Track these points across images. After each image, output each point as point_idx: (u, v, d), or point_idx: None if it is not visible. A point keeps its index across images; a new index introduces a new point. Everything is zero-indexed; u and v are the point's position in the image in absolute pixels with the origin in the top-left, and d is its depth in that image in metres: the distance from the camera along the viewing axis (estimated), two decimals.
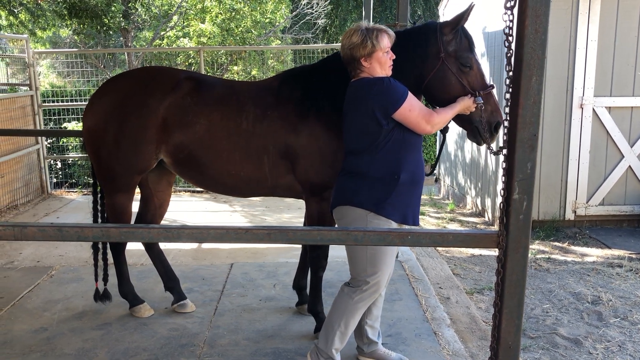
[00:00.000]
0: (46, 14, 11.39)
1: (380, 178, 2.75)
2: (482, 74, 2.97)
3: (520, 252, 1.95)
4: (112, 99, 3.44)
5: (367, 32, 2.71)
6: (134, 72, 3.71)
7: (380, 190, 2.75)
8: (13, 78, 9.95)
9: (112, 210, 3.60)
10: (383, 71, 2.77)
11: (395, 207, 2.77)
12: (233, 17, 13.63)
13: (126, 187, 3.52)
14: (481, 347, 3.62)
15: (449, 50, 2.92)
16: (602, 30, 6.15)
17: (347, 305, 2.88)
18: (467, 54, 2.92)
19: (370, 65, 2.74)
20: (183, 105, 3.31)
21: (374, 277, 2.82)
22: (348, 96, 2.85)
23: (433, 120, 2.75)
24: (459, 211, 7.99)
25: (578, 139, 6.33)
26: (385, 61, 2.75)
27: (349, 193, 2.79)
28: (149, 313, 3.85)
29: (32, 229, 2.08)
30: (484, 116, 2.90)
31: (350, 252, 2.87)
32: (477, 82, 2.93)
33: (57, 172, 8.84)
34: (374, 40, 2.69)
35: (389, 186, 2.75)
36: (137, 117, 3.33)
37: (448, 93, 2.93)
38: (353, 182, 2.80)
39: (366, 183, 2.77)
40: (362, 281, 2.84)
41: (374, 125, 2.71)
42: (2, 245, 5.30)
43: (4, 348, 3.42)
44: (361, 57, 2.73)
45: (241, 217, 6.62)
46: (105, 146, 3.42)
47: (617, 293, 4.60)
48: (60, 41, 19.12)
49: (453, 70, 2.91)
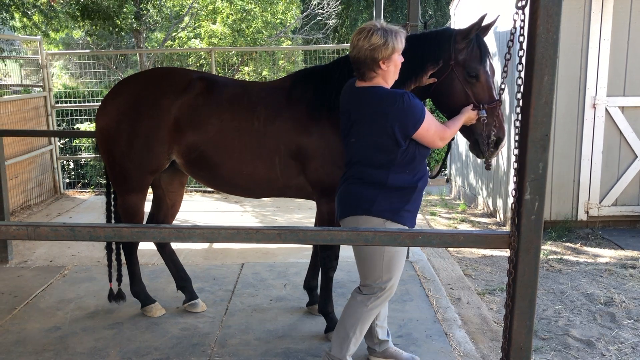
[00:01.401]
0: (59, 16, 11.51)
1: (399, 188, 2.71)
2: (490, 87, 2.93)
3: (532, 253, 1.94)
4: (125, 99, 3.46)
5: (388, 32, 2.58)
6: (146, 72, 3.74)
7: (398, 199, 2.71)
8: (27, 79, 10.07)
9: (125, 210, 3.61)
10: (395, 75, 2.70)
11: (410, 213, 2.77)
12: (244, 18, 13.68)
13: (139, 187, 3.54)
14: (492, 348, 3.60)
15: (459, 59, 2.90)
16: (615, 29, 6.09)
17: (362, 312, 2.85)
18: (475, 65, 2.89)
19: (388, 68, 2.64)
20: (195, 105, 3.32)
21: (389, 282, 2.80)
22: (357, 100, 2.73)
23: (445, 136, 2.74)
24: (470, 212, 7.95)
25: (591, 139, 6.27)
26: (399, 64, 2.67)
27: (366, 203, 2.70)
28: (161, 312, 3.88)
29: (45, 228, 2.10)
30: (486, 130, 2.87)
31: (365, 259, 2.81)
32: (483, 95, 2.90)
33: (70, 173, 8.92)
34: (394, 41, 2.58)
35: (407, 195, 2.73)
36: (149, 118, 3.35)
37: (453, 101, 2.93)
38: (369, 191, 2.71)
39: (384, 192, 2.70)
40: (377, 288, 2.81)
41: (391, 144, 2.63)
42: (16, 245, 5.35)
43: (18, 346, 3.45)
44: (381, 59, 2.60)
45: (252, 217, 6.64)
46: (118, 146, 3.44)
47: (630, 294, 4.55)
48: (73, 42, 19.27)
49: (460, 79, 2.89)
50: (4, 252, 4.98)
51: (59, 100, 9.00)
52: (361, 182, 2.74)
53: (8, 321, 3.80)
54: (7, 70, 9.15)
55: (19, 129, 6.83)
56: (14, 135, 6.44)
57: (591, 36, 6.09)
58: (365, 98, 2.68)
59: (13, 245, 5.20)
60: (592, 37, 6.09)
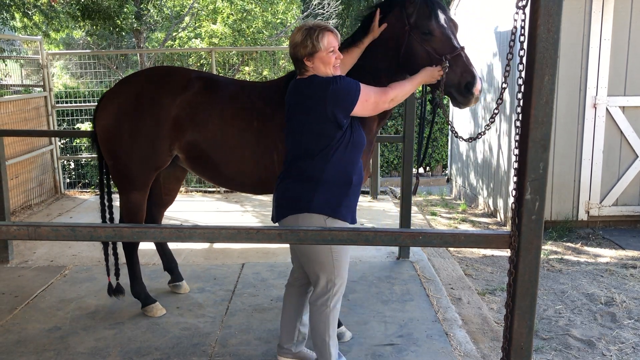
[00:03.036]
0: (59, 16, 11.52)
1: (335, 182, 2.73)
2: (448, 37, 2.90)
3: (532, 253, 1.94)
4: (125, 98, 3.48)
5: (308, 31, 2.66)
6: (146, 72, 3.74)
7: (336, 194, 2.73)
8: (27, 79, 10.06)
9: (128, 209, 3.62)
10: (328, 70, 2.70)
11: (348, 209, 2.78)
12: (244, 18, 13.69)
13: (142, 185, 3.57)
14: (493, 348, 3.60)
15: (411, 22, 2.92)
16: (616, 28, 6.09)
17: (328, 314, 2.85)
18: (426, 22, 2.89)
19: (314, 65, 2.68)
20: (194, 103, 3.35)
21: (341, 278, 2.83)
22: (293, 95, 2.76)
23: (388, 96, 2.72)
24: (470, 212, 7.95)
25: (591, 139, 6.28)
26: (329, 60, 2.68)
27: (303, 200, 2.71)
28: (161, 312, 3.88)
29: (45, 228, 2.10)
30: (454, 79, 2.85)
31: (314, 261, 2.80)
32: (443, 48, 2.87)
33: (71, 173, 8.92)
34: (314, 40, 2.63)
35: (343, 189, 2.75)
36: (150, 115, 3.38)
37: (421, 63, 2.92)
38: (306, 188, 2.72)
39: (321, 188, 2.70)
40: (331, 284, 2.82)
41: (332, 128, 2.65)
42: (17, 245, 5.36)
43: (19, 346, 3.45)
44: (303, 57, 2.67)
45: (252, 217, 6.63)
46: (121, 145, 3.47)
47: (631, 294, 4.55)
48: (74, 42, 19.29)
49: (418, 41, 2.91)
50: (5, 252, 4.99)
51: (59, 100, 9.00)
52: (299, 179, 2.74)
53: (9, 321, 3.80)
54: (8, 70, 9.14)
55: (20, 129, 6.83)
56: (15, 135, 6.44)
57: (592, 36, 6.09)
58: (301, 89, 2.73)
59: (14, 245, 5.20)
60: (593, 37, 6.09)
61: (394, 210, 6.81)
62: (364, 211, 6.77)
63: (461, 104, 2.94)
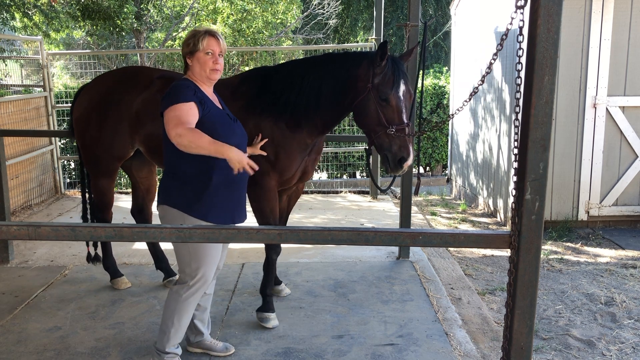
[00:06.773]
0: (60, 16, 11.53)
1: (191, 178, 2.82)
2: (400, 110, 3.15)
3: (532, 253, 1.94)
4: (96, 93, 3.90)
5: (195, 33, 2.85)
6: (117, 71, 4.20)
7: (191, 191, 2.82)
8: (27, 79, 10.07)
9: (97, 191, 4.09)
10: (202, 71, 2.84)
11: (210, 209, 2.84)
12: (244, 18, 13.69)
13: (108, 171, 3.99)
14: (493, 348, 3.61)
15: (374, 83, 3.15)
16: (616, 28, 6.09)
17: (177, 303, 2.97)
18: (387, 90, 3.12)
19: (192, 64, 2.85)
20: (154, 100, 3.61)
21: (198, 271, 2.91)
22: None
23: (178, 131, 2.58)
24: (470, 212, 7.95)
25: (591, 139, 6.28)
26: (205, 62, 2.82)
27: (165, 193, 2.88)
28: (126, 285, 4.31)
29: (45, 228, 2.10)
30: (393, 149, 3.13)
31: (177, 251, 2.94)
32: (392, 118, 3.14)
33: (71, 173, 8.92)
34: (196, 40, 2.82)
35: (201, 187, 2.81)
36: (115, 110, 3.78)
37: (367, 120, 3.20)
38: (169, 182, 2.88)
39: (177, 183, 2.84)
40: (188, 277, 2.93)
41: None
42: (17, 245, 5.36)
43: (19, 346, 3.46)
44: (186, 55, 2.87)
45: (252, 217, 6.62)
46: (89, 134, 3.89)
47: (631, 294, 4.55)
48: (74, 42, 19.29)
49: (375, 101, 3.16)
50: (5, 252, 4.99)
51: (59, 100, 9.00)
52: (165, 172, 2.92)
53: (9, 321, 3.80)
54: (8, 70, 9.15)
55: (20, 129, 6.83)
56: (15, 135, 6.45)
57: (592, 36, 6.09)
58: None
59: (14, 245, 5.20)
60: (593, 37, 6.09)
61: (394, 210, 6.81)
62: (364, 211, 6.77)
63: (390, 170, 3.23)
